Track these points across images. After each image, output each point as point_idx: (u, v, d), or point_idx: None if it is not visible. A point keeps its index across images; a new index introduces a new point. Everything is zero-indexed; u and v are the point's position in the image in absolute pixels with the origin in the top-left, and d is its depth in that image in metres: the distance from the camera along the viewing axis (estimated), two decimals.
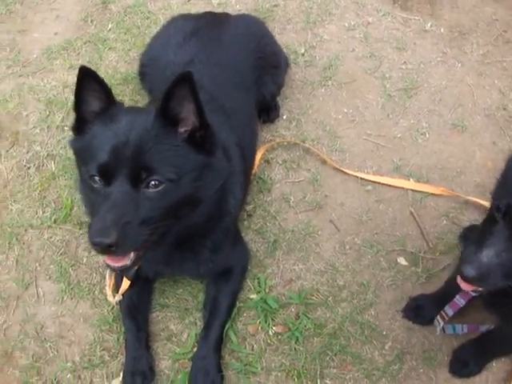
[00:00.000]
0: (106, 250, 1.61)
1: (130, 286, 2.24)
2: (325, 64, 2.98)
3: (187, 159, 1.70)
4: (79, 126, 1.76)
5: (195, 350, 2.30)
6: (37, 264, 2.58)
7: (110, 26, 3.26)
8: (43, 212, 2.69)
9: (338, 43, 3.09)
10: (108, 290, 2.30)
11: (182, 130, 1.70)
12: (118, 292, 2.28)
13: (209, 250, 2.15)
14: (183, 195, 1.73)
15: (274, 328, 2.36)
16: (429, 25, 3.18)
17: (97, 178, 1.65)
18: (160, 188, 1.65)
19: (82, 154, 1.76)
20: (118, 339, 2.36)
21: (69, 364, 2.35)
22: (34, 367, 2.35)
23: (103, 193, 1.65)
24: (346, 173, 2.69)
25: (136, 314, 2.34)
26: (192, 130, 1.71)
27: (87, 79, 1.68)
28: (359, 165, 2.74)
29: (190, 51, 2.45)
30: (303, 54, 3.00)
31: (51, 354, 2.38)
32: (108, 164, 1.63)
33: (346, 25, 3.17)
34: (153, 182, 1.64)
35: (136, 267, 2.16)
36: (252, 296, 2.43)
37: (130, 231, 1.60)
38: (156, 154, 1.64)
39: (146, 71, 2.71)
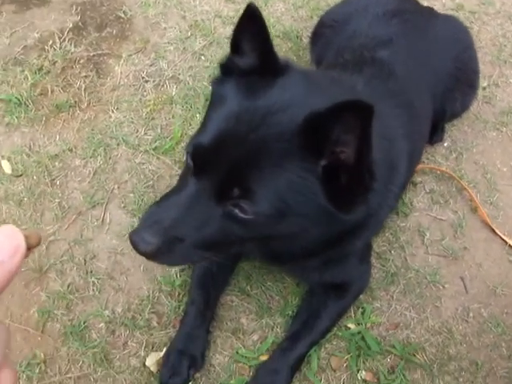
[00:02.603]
0: (140, 253, 1.20)
1: None
2: (504, 108, 2.55)
3: (308, 201, 1.15)
4: (226, 69, 1.29)
5: (263, 358, 1.84)
6: (116, 185, 2.16)
7: None
8: (145, 133, 2.28)
9: None
10: None
11: (324, 163, 1.12)
12: None
13: (325, 262, 1.67)
14: (275, 233, 1.25)
15: (362, 372, 1.89)
16: None
17: (189, 157, 1.19)
18: (246, 216, 1.15)
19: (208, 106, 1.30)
20: (175, 309, 1.92)
21: (107, 312, 1.93)
22: (64, 298, 1.93)
23: (185, 179, 1.19)
24: (494, 232, 2.23)
25: (209, 286, 1.88)
26: (339, 166, 1.12)
27: (250, 22, 1.19)
28: (511, 230, 2.29)
29: (389, 30, 2.02)
30: (484, 88, 2.58)
31: (91, 292, 1.96)
32: (206, 151, 1.15)
33: None
34: (239, 208, 1.15)
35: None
36: (350, 325, 1.95)
37: (177, 249, 1.17)
38: (269, 174, 1.12)
39: (325, 32, 2.26)
